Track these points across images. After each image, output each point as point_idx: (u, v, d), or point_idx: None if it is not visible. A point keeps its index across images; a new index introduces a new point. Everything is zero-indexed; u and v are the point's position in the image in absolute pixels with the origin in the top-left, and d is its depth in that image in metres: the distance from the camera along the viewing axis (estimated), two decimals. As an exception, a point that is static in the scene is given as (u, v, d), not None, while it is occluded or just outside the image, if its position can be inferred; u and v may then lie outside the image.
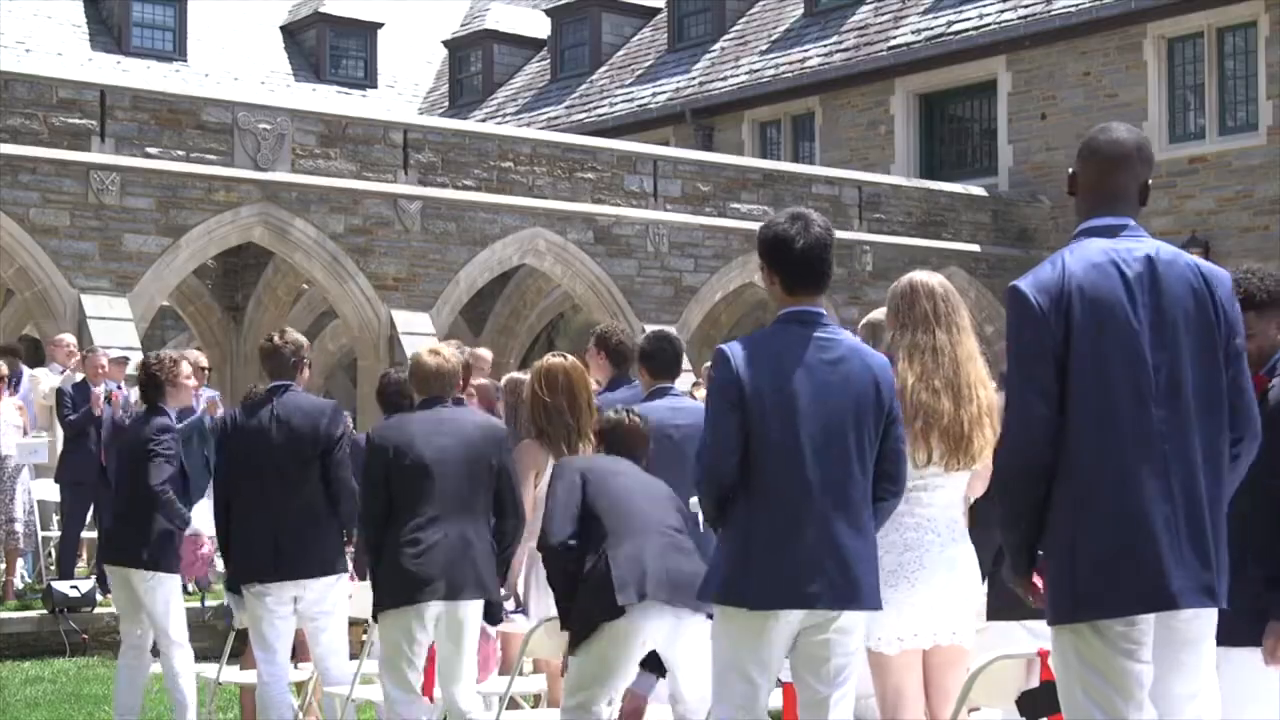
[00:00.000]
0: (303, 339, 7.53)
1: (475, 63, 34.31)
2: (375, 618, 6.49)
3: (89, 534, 13.22)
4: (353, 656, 7.41)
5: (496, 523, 6.51)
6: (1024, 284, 3.97)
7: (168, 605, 7.75)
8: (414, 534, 6.30)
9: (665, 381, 7.19)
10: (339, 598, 7.20)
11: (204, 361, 14.08)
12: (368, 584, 6.80)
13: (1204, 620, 3.94)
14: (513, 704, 6.74)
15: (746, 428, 4.64)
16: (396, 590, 6.32)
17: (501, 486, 6.49)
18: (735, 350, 4.76)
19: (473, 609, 6.34)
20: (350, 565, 7.51)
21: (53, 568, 13.57)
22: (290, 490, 7.02)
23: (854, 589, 4.67)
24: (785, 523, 4.64)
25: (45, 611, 11.88)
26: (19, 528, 12.70)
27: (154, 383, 8.03)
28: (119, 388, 12.92)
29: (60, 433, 13.22)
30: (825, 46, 26.55)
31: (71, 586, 11.94)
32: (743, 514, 4.68)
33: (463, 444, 6.42)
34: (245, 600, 7.15)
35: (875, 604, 4.76)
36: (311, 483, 7.03)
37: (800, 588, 4.61)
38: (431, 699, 6.58)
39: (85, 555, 13.56)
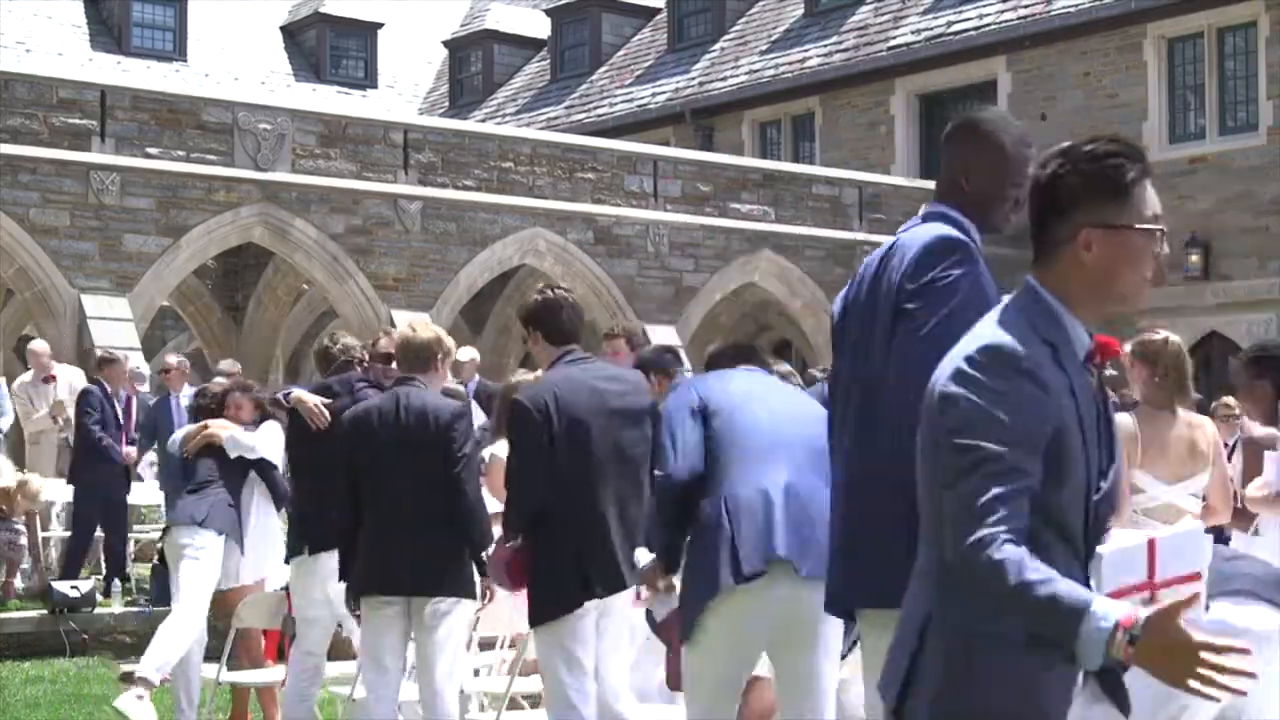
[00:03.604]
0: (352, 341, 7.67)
1: (475, 63, 34.32)
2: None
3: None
4: (334, 657, 7.40)
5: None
6: None
7: None
8: None
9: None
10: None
11: (170, 361, 13.69)
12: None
13: None
14: (513, 704, 6.74)
15: None
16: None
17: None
18: None
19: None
20: None
21: (52, 567, 13.52)
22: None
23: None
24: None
25: (45, 611, 11.87)
26: (21, 540, 12.64)
27: None
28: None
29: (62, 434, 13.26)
30: (825, 46, 26.55)
31: (71, 587, 11.91)
32: None
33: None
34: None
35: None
36: None
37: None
38: None
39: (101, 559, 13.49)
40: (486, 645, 7.69)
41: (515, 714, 6.56)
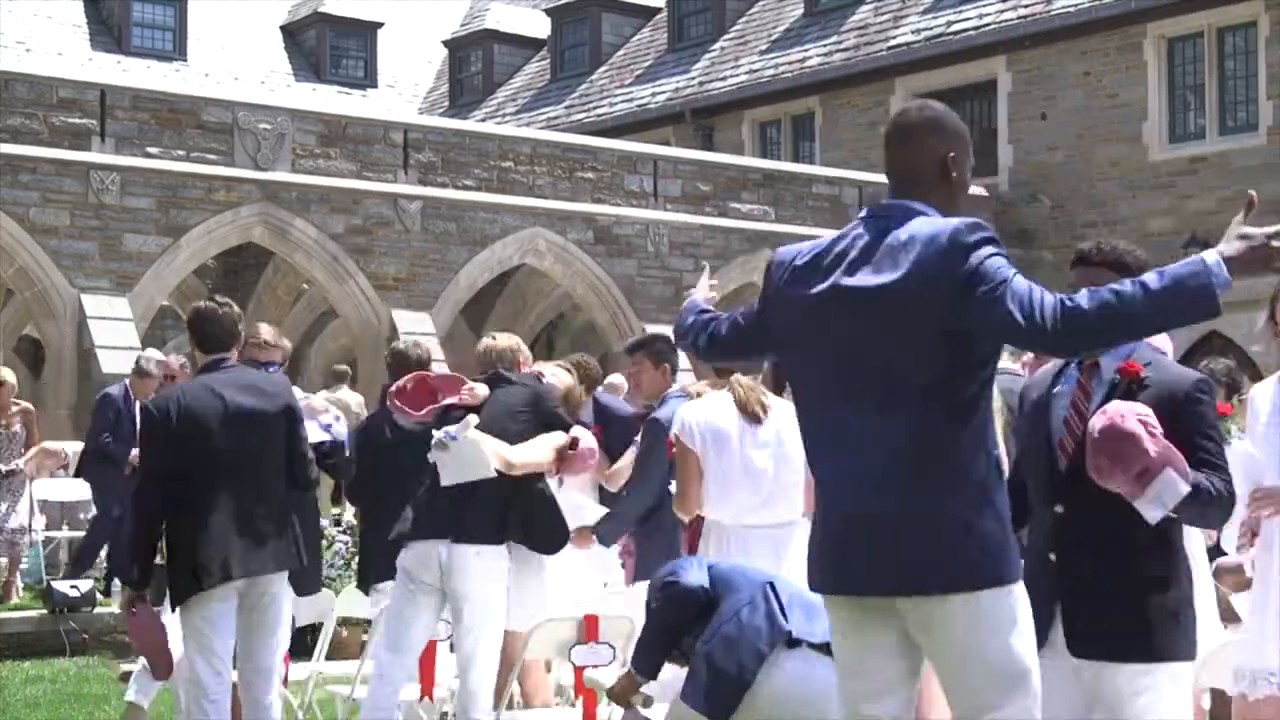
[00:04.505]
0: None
1: (475, 63, 34.33)
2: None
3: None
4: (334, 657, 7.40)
5: None
6: None
7: None
8: None
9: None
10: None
11: (170, 363, 13.49)
12: None
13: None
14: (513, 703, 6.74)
15: None
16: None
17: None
18: None
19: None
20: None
21: (48, 562, 13.47)
22: None
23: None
24: None
25: (45, 611, 11.86)
26: (23, 538, 12.59)
27: None
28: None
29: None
30: (825, 46, 26.55)
31: (71, 586, 11.90)
32: None
33: None
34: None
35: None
36: None
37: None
38: (431, 698, 6.57)
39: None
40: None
41: (515, 714, 6.55)
